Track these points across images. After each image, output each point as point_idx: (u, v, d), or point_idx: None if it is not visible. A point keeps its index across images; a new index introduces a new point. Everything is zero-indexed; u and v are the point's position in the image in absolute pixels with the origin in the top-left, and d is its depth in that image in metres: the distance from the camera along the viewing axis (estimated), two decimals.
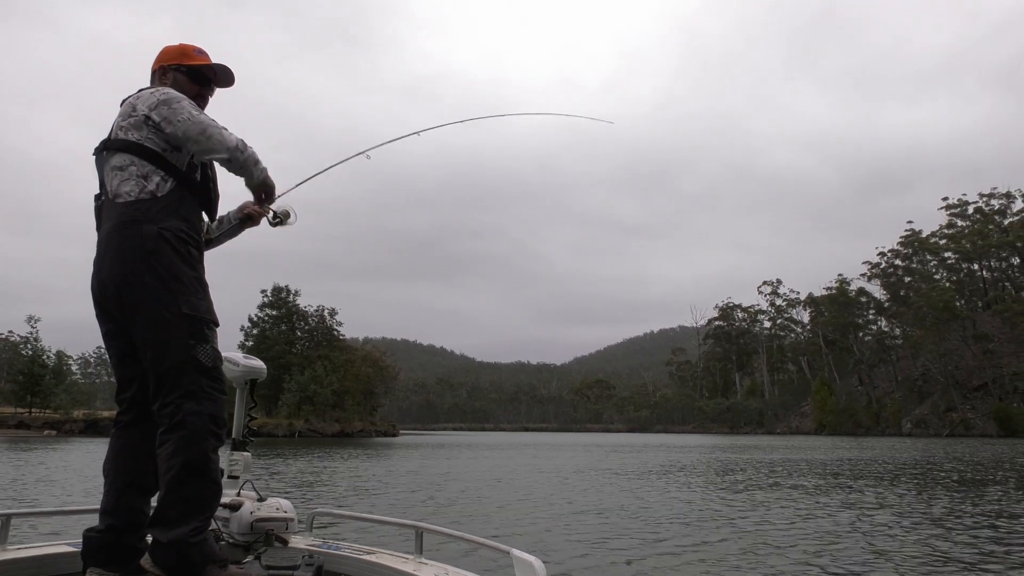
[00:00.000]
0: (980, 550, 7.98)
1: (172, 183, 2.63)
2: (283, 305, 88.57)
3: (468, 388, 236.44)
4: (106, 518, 2.53)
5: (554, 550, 7.69)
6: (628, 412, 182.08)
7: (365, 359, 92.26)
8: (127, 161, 2.62)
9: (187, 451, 2.41)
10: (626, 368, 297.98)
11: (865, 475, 19.59)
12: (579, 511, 11.13)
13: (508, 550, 2.32)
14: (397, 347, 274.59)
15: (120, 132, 2.66)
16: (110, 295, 2.56)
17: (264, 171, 2.83)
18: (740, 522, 10.15)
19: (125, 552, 2.50)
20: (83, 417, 65.52)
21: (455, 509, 11.68)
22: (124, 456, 2.63)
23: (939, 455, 32.01)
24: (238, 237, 3.16)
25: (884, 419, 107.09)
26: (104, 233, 2.62)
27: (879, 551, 7.91)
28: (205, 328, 2.57)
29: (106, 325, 2.67)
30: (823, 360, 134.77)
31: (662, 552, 7.76)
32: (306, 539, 3.03)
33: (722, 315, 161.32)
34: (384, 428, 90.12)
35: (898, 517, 10.77)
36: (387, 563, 2.63)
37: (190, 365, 2.49)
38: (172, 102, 2.64)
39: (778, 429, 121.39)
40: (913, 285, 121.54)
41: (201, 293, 2.61)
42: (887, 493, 14.51)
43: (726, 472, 20.61)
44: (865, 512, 11.31)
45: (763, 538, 8.77)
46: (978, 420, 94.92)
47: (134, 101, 2.70)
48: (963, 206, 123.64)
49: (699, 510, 11.48)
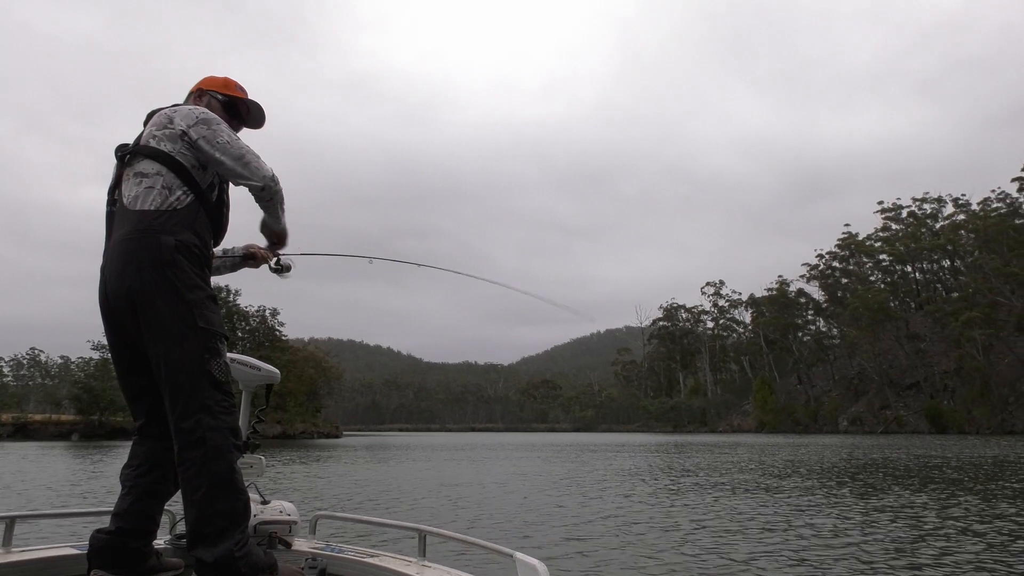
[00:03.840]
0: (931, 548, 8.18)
1: (191, 198, 2.62)
2: (223, 305, 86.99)
3: (415, 389, 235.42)
4: (117, 520, 2.52)
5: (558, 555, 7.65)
6: (574, 412, 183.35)
7: (308, 360, 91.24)
8: (154, 170, 2.61)
9: (212, 467, 2.39)
10: (573, 368, 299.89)
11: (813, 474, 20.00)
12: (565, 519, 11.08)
13: (511, 553, 2.30)
14: (344, 347, 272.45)
15: (152, 141, 2.65)
16: (122, 303, 2.52)
17: (285, 218, 2.88)
18: (688, 524, 10.26)
19: (131, 556, 2.50)
20: (11, 421, 63.57)
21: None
22: (146, 465, 2.63)
23: (894, 453, 32.84)
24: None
25: (822, 417, 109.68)
26: (116, 239, 2.58)
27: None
28: (219, 342, 2.56)
29: (113, 334, 2.64)
30: (764, 360, 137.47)
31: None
32: (309, 542, 3.03)
33: (666, 315, 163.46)
34: (327, 429, 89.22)
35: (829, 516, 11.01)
36: (390, 566, 2.61)
37: (205, 379, 2.47)
38: (212, 123, 2.67)
39: (720, 428, 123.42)
40: (849, 286, 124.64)
41: (213, 307, 2.60)
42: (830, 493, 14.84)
43: (679, 473, 20.84)
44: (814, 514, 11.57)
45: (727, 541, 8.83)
46: (911, 417, 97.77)
47: (170, 114, 2.69)
48: (897, 210, 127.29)
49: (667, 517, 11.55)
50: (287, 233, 2.98)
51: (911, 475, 18.69)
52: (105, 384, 64.46)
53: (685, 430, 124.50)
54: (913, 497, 13.21)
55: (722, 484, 16.16)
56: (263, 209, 2.82)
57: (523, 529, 9.48)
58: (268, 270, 3.15)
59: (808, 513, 11.01)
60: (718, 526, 9.70)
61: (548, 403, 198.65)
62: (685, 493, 14.21)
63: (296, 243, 3.12)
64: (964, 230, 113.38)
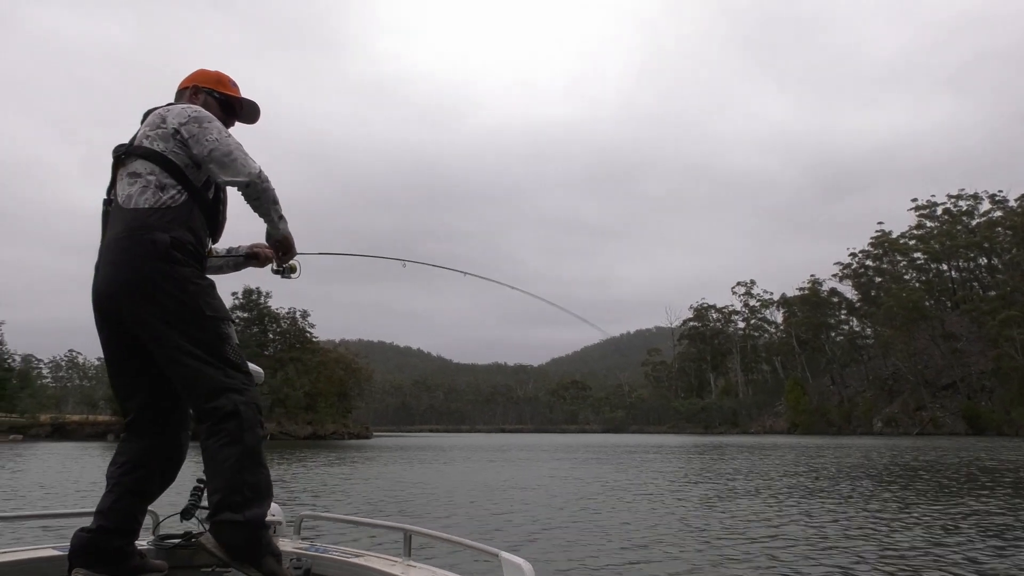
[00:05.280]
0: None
1: (185, 196, 2.65)
2: (254, 307, 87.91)
3: (444, 390, 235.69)
4: (100, 518, 2.52)
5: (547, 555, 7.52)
6: (604, 413, 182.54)
7: (338, 361, 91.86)
8: (147, 169, 2.63)
9: (244, 438, 2.46)
10: (603, 369, 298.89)
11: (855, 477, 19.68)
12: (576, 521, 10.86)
13: (496, 552, 2.30)
14: (374, 349, 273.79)
15: (145, 140, 2.68)
16: (117, 301, 2.54)
17: (286, 224, 2.87)
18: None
19: (113, 555, 2.50)
20: (50, 421, 64.80)
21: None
22: (131, 463, 2.63)
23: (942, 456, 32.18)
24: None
25: (855, 418, 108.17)
26: (111, 238, 2.61)
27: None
28: (227, 327, 2.62)
29: (107, 331, 2.64)
30: (796, 360, 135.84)
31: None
32: (293, 542, 3.03)
33: (697, 316, 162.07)
34: (357, 430, 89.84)
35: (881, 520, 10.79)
36: (375, 566, 2.62)
37: (224, 363, 2.53)
38: (203, 121, 2.69)
39: (752, 429, 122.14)
40: (883, 285, 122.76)
41: (215, 294, 2.65)
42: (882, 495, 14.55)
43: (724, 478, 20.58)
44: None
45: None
46: (947, 418, 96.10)
47: (164, 113, 2.73)
48: (931, 207, 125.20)
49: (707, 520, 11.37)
50: (291, 239, 2.94)
51: (973, 479, 17.88)
52: None
53: (716, 431, 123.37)
54: (987, 503, 12.51)
55: (794, 488, 15.61)
56: (253, 209, 2.78)
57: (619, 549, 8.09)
58: (271, 271, 3.15)
59: (894, 521, 10.26)
60: (799, 534, 9.05)
61: (578, 404, 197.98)
62: (761, 497, 13.69)
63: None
64: (1001, 227, 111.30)
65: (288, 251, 2.98)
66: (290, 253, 2.99)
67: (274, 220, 2.83)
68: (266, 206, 2.77)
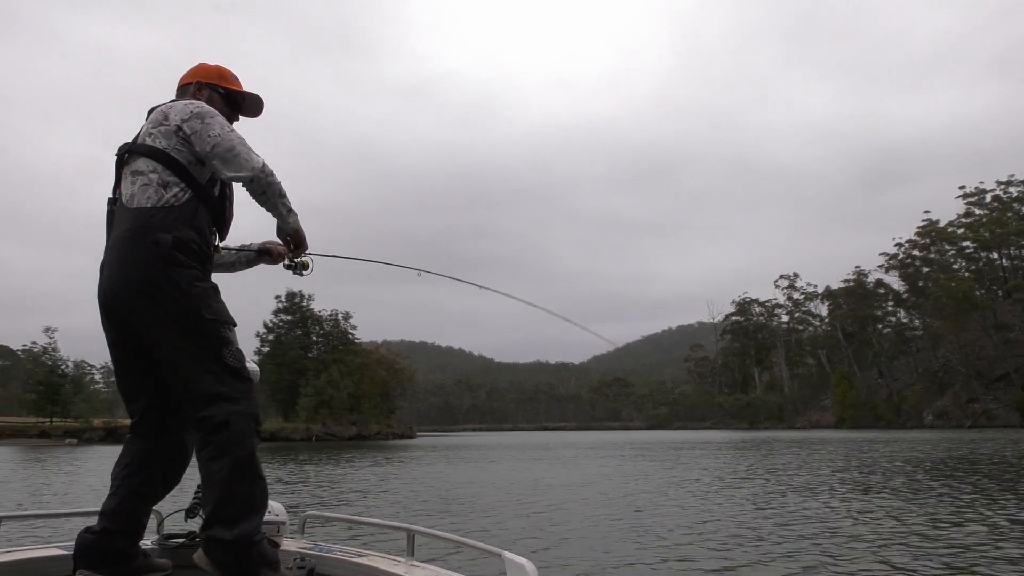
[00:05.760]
0: None
1: (189, 194, 2.62)
2: (297, 310, 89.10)
3: (487, 389, 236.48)
4: (103, 520, 2.53)
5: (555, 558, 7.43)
6: (647, 409, 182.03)
7: (380, 362, 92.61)
8: (149, 167, 2.61)
9: (235, 450, 2.42)
10: (645, 365, 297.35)
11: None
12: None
13: (500, 552, 2.29)
14: (416, 349, 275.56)
15: (148, 138, 2.65)
16: (121, 301, 2.53)
17: (296, 218, 2.82)
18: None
19: (116, 557, 2.51)
20: (103, 425, 66.28)
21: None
22: (135, 465, 2.63)
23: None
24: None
25: (905, 412, 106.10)
26: (115, 237, 2.60)
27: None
28: (228, 331, 2.59)
29: (112, 332, 2.65)
30: (842, 353, 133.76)
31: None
32: (297, 542, 3.04)
33: (739, 310, 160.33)
34: (401, 430, 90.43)
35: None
36: (378, 565, 2.61)
37: (221, 368, 2.49)
38: (206, 116, 2.65)
39: (798, 424, 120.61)
40: (931, 275, 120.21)
41: (217, 297, 2.61)
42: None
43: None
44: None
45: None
46: (1001, 411, 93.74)
47: (166, 110, 2.70)
48: (980, 194, 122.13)
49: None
50: (301, 232, 2.89)
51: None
52: None
53: (762, 427, 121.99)
54: None
55: (851, 483, 15.20)
56: (260, 204, 2.73)
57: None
58: (283, 267, 3.15)
59: (959, 517, 9.84)
60: (860, 533, 8.70)
61: (620, 401, 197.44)
62: (817, 493, 13.34)
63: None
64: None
65: (300, 244, 2.93)
66: (302, 246, 2.94)
67: (283, 214, 2.78)
68: (273, 200, 2.72)
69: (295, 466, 24.50)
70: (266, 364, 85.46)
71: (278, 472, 21.22)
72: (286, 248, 2.98)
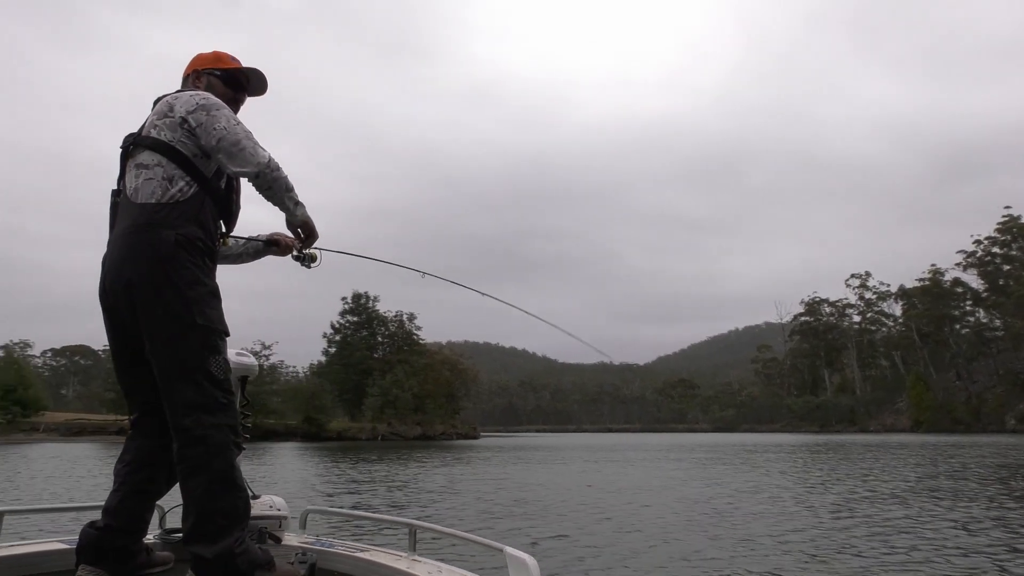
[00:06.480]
0: None
1: (195, 188, 2.59)
2: (363, 311, 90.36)
3: (551, 390, 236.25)
4: (106, 516, 2.54)
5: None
6: (713, 412, 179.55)
7: (444, 362, 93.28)
8: (154, 160, 2.57)
9: (212, 464, 2.40)
10: (710, 367, 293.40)
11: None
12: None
13: (501, 548, 2.29)
14: (480, 350, 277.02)
15: (153, 130, 2.61)
16: (120, 296, 2.51)
17: (304, 209, 2.77)
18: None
19: (118, 553, 2.52)
20: None
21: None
22: (135, 462, 2.62)
23: None
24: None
25: (985, 415, 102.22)
26: (118, 232, 2.58)
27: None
28: (218, 339, 2.54)
29: (112, 327, 2.62)
30: (917, 354, 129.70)
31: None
32: (299, 537, 3.06)
33: (808, 310, 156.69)
34: (465, 431, 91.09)
35: None
36: (380, 560, 2.63)
37: (203, 377, 2.45)
38: (212, 108, 2.60)
39: (871, 427, 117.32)
40: (1013, 274, 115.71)
41: (214, 303, 2.57)
42: None
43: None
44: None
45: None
46: None
47: (172, 101, 2.66)
48: None
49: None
50: (311, 223, 2.83)
51: None
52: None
53: (833, 430, 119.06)
54: None
55: (941, 491, 14.65)
56: (267, 199, 2.68)
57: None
58: (292, 258, 3.16)
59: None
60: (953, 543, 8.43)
61: (686, 403, 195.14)
62: (907, 500, 12.81)
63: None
64: None
65: (311, 235, 2.87)
66: (312, 237, 2.88)
67: (290, 208, 2.73)
68: (279, 195, 2.67)
69: (366, 466, 24.57)
70: (333, 364, 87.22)
71: (350, 472, 21.27)
72: (296, 239, 2.92)
